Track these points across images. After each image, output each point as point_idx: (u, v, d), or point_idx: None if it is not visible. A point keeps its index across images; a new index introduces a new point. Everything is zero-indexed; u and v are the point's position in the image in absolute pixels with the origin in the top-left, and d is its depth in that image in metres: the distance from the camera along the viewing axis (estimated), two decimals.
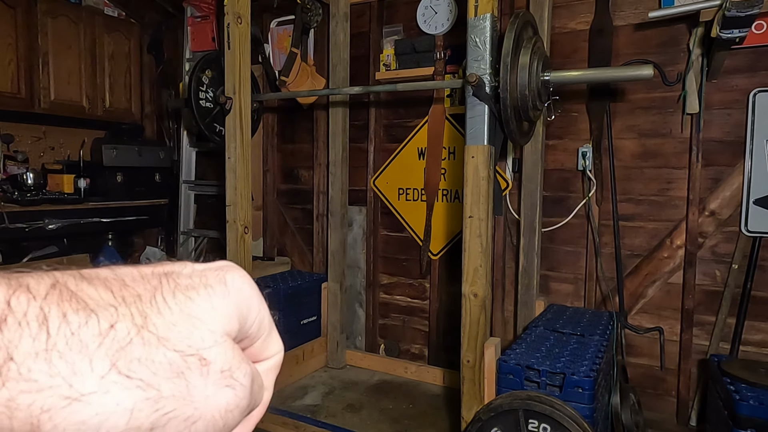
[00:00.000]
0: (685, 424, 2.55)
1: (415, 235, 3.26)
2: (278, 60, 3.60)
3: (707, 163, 2.48)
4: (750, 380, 1.90)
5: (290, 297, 3.10)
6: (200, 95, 2.78)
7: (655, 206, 2.60)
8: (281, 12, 3.60)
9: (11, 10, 3.54)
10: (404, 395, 2.95)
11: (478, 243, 1.99)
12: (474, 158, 1.98)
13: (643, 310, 2.65)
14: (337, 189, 3.21)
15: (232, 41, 2.45)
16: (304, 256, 3.71)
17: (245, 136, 2.57)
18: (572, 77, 2.17)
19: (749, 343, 2.42)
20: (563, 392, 1.82)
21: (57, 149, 4.14)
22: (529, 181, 2.71)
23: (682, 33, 2.49)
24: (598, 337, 2.19)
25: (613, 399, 2.19)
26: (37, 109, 3.72)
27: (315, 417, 2.67)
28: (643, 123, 2.60)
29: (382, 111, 3.36)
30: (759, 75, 2.35)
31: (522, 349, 2.07)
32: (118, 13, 4.29)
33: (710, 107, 2.45)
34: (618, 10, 2.62)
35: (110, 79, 4.19)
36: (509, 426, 1.81)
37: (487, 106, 1.94)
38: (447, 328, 3.19)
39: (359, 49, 3.34)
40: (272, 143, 3.80)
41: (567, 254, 2.82)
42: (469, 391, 2.04)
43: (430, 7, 3.08)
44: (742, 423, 1.77)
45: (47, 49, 3.73)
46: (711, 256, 2.50)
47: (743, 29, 1.91)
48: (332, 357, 3.33)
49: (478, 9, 1.91)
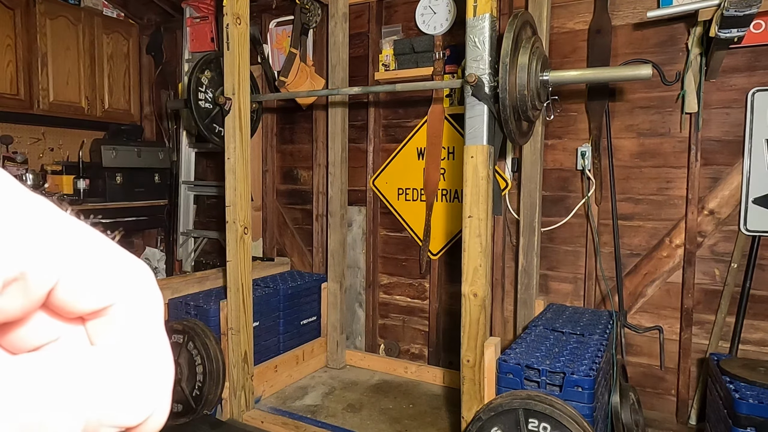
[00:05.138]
0: (685, 423, 2.55)
1: (415, 235, 3.26)
2: (277, 60, 3.60)
3: (706, 162, 2.48)
4: (749, 379, 1.90)
5: (290, 297, 3.10)
6: (199, 96, 2.78)
7: (654, 205, 2.61)
8: (280, 12, 3.60)
9: (10, 11, 3.54)
10: (404, 395, 2.95)
11: (478, 243, 2.00)
12: (473, 158, 1.98)
13: (643, 309, 2.66)
14: (336, 189, 3.22)
15: (231, 42, 2.45)
16: (303, 257, 3.71)
17: (244, 137, 2.57)
18: (571, 77, 2.17)
19: (748, 342, 2.42)
20: (563, 391, 1.82)
21: (56, 150, 4.14)
22: (529, 180, 2.71)
23: (680, 32, 2.49)
24: (597, 337, 2.19)
25: (613, 398, 2.19)
26: (36, 110, 3.72)
27: (315, 417, 2.67)
28: (642, 122, 2.61)
29: (381, 111, 3.37)
30: (757, 74, 2.36)
31: (522, 349, 2.07)
32: (117, 13, 4.29)
33: (709, 106, 2.46)
34: (616, 10, 2.62)
35: (109, 80, 4.20)
36: (509, 425, 1.81)
37: (486, 106, 1.94)
38: (447, 327, 3.19)
39: (358, 50, 3.34)
40: (271, 144, 3.80)
41: (566, 254, 2.82)
42: (469, 391, 2.05)
43: (429, 7, 3.08)
44: (742, 422, 1.77)
45: (46, 50, 3.73)
46: (710, 255, 2.51)
47: (742, 28, 1.91)
48: (332, 357, 3.33)
49: (477, 9, 1.91)
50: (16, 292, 0.18)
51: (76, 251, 0.19)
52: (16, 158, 3.82)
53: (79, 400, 0.18)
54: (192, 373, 2.57)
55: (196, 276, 3.19)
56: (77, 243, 0.19)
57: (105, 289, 0.20)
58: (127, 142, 4.14)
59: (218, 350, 2.58)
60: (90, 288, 0.19)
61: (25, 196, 0.18)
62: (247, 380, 2.65)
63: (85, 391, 0.18)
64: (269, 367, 2.92)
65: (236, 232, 2.56)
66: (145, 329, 0.21)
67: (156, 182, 4.26)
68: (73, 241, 0.19)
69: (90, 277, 0.19)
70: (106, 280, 0.20)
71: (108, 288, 0.20)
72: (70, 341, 0.21)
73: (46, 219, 0.18)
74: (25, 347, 0.21)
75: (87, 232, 0.19)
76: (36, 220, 0.18)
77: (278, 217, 3.81)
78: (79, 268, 0.19)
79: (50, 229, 0.18)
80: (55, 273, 0.18)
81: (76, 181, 3.89)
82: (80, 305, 0.19)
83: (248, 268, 2.62)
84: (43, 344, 0.21)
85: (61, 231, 0.18)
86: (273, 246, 3.82)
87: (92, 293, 0.19)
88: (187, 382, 2.58)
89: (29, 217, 0.18)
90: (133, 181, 4.08)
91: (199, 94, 2.77)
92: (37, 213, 0.18)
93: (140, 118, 4.50)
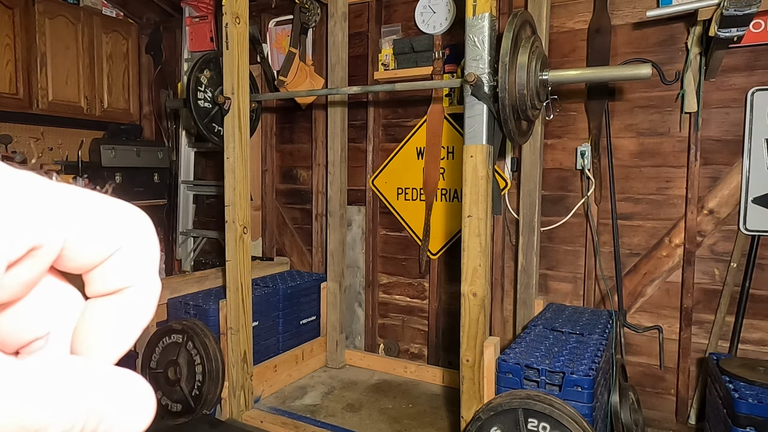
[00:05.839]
0: (684, 423, 2.55)
1: (414, 235, 3.26)
2: (277, 60, 3.60)
3: (705, 161, 2.48)
4: (749, 378, 1.90)
5: (289, 297, 3.10)
6: (199, 95, 2.78)
7: (653, 205, 2.61)
8: (280, 12, 3.59)
9: (9, 10, 3.53)
10: (404, 395, 2.95)
11: (477, 242, 1.99)
12: (473, 157, 1.98)
13: (642, 308, 2.66)
14: (336, 189, 3.21)
15: (230, 41, 2.45)
16: (303, 256, 3.71)
17: (244, 136, 2.57)
18: (571, 76, 2.17)
19: (748, 342, 2.42)
20: (562, 391, 1.82)
21: (55, 150, 4.13)
22: (528, 180, 2.71)
23: (680, 32, 2.49)
24: (597, 336, 2.19)
25: (613, 398, 2.19)
26: (35, 109, 3.72)
27: (314, 417, 2.67)
28: (641, 122, 2.61)
29: (380, 111, 3.36)
30: (757, 73, 2.36)
31: (521, 348, 2.07)
32: (116, 13, 4.28)
33: (708, 106, 2.46)
34: (616, 9, 2.62)
35: (108, 79, 4.19)
36: (509, 425, 1.81)
37: (485, 105, 1.94)
38: (446, 327, 3.19)
39: (358, 49, 3.34)
40: (271, 143, 3.80)
41: (566, 253, 2.82)
42: (468, 391, 2.05)
43: (429, 7, 3.08)
44: (741, 421, 1.77)
45: (45, 49, 3.72)
46: (710, 254, 2.51)
47: (741, 28, 1.91)
48: (331, 357, 3.33)
49: (476, 8, 1.91)
50: (25, 266, 0.18)
51: (76, 209, 0.19)
52: (15, 158, 3.81)
53: (78, 400, 0.18)
54: (191, 373, 2.57)
55: (196, 276, 3.18)
56: (75, 202, 0.20)
57: (110, 236, 0.20)
58: (127, 142, 4.13)
59: (217, 350, 2.58)
60: (97, 239, 0.20)
61: (13, 172, 0.18)
62: (246, 380, 2.65)
63: (85, 390, 0.19)
64: (268, 366, 2.91)
65: (235, 232, 2.56)
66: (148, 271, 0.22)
67: (155, 182, 4.26)
68: (71, 201, 0.19)
69: (95, 229, 0.20)
70: (110, 227, 0.20)
71: (112, 234, 0.20)
72: (60, 338, 0.22)
73: (38, 188, 0.18)
74: (16, 342, 0.21)
75: (79, 191, 0.20)
76: (29, 191, 0.18)
77: (277, 217, 3.81)
78: (82, 223, 0.19)
79: (46, 196, 0.19)
80: (61, 236, 0.19)
81: (75, 180, 3.89)
82: (90, 257, 0.20)
83: (247, 267, 2.62)
84: (33, 339, 0.21)
85: (56, 195, 0.19)
86: (272, 245, 3.82)
87: (100, 243, 0.20)
88: (186, 382, 2.58)
89: (23, 190, 0.18)
90: (132, 181, 4.08)
91: (198, 93, 2.77)
92: (28, 185, 0.18)
93: (139, 118, 4.49)
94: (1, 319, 0.20)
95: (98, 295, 0.21)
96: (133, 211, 0.22)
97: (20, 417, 0.16)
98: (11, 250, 0.17)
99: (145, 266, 0.22)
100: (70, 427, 0.18)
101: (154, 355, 2.68)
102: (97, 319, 0.21)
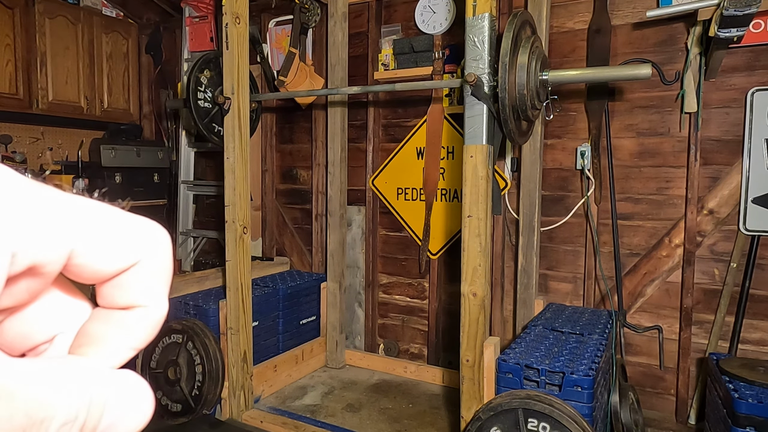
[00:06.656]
0: (684, 423, 2.55)
1: (414, 235, 3.26)
2: (277, 60, 3.60)
3: (705, 161, 2.48)
4: (749, 378, 1.90)
5: (289, 297, 3.10)
6: (199, 95, 2.78)
7: (653, 205, 2.61)
8: (280, 12, 3.60)
9: (9, 10, 3.53)
10: (403, 395, 2.95)
11: (477, 242, 1.99)
12: (473, 158, 1.98)
13: (642, 308, 2.66)
14: (335, 189, 3.21)
15: (230, 41, 2.45)
16: (303, 256, 3.71)
17: (244, 136, 2.57)
18: (570, 77, 2.17)
19: (748, 342, 2.42)
20: (562, 391, 1.82)
21: (55, 150, 4.13)
22: (528, 180, 2.71)
23: (680, 32, 2.49)
24: (597, 336, 2.19)
25: (613, 398, 2.19)
26: (35, 109, 3.72)
27: (314, 417, 2.67)
28: (641, 122, 2.61)
29: (380, 111, 3.36)
30: (757, 74, 2.36)
31: (521, 348, 2.07)
32: (116, 13, 4.28)
33: (708, 106, 2.46)
34: (616, 10, 2.62)
35: (108, 79, 4.19)
36: (509, 425, 1.81)
37: (485, 105, 1.94)
38: (446, 327, 3.19)
39: (358, 49, 3.34)
40: (271, 143, 3.80)
41: (566, 253, 2.82)
42: (468, 391, 2.05)
43: (429, 7, 3.08)
44: (741, 421, 1.77)
45: (45, 49, 3.72)
46: (709, 254, 2.51)
47: (741, 28, 1.91)
48: (331, 357, 3.33)
49: (476, 8, 1.91)
50: (26, 279, 0.19)
51: (86, 222, 0.19)
52: (15, 158, 3.81)
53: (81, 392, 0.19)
54: (191, 373, 2.57)
55: (196, 276, 3.18)
56: (86, 215, 0.20)
57: (125, 250, 0.20)
58: (126, 142, 4.13)
59: (217, 350, 2.58)
60: (109, 252, 0.20)
61: (18, 184, 0.18)
62: (246, 380, 2.65)
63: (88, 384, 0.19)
64: (268, 366, 2.91)
65: (235, 232, 2.56)
66: (159, 293, 0.22)
67: (155, 182, 4.26)
68: (81, 214, 0.19)
69: (107, 242, 0.20)
70: (126, 242, 0.20)
71: (128, 249, 0.21)
72: (66, 342, 0.22)
73: (43, 202, 0.18)
74: (23, 345, 0.22)
75: (96, 204, 0.20)
76: (32, 205, 0.18)
77: (277, 217, 3.81)
78: (93, 236, 0.20)
79: (51, 209, 0.18)
80: (63, 251, 0.19)
81: (75, 180, 3.89)
82: (101, 271, 0.20)
83: (247, 267, 2.62)
84: (39, 343, 0.22)
85: (64, 208, 0.19)
86: (272, 246, 3.82)
87: (112, 257, 0.20)
88: (186, 382, 2.58)
89: (26, 201, 0.18)
90: (132, 181, 4.08)
91: (198, 93, 2.77)
92: (35, 196, 0.18)
93: (139, 118, 4.49)
94: (7, 324, 0.21)
95: (108, 307, 0.22)
96: (153, 228, 0.22)
97: (27, 406, 0.17)
98: (11, 267, 0.17)
99: (158, 287, 0.22)
100: (74, 416, 0.18)
101: (154, 355, 2.68)
102: (101, 328, 0.22)
